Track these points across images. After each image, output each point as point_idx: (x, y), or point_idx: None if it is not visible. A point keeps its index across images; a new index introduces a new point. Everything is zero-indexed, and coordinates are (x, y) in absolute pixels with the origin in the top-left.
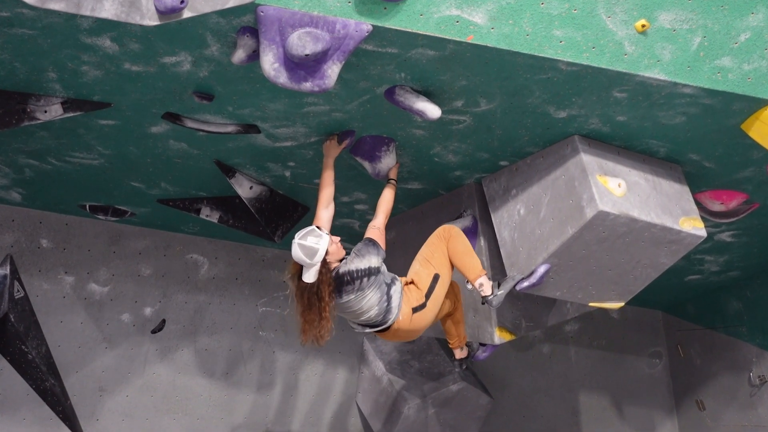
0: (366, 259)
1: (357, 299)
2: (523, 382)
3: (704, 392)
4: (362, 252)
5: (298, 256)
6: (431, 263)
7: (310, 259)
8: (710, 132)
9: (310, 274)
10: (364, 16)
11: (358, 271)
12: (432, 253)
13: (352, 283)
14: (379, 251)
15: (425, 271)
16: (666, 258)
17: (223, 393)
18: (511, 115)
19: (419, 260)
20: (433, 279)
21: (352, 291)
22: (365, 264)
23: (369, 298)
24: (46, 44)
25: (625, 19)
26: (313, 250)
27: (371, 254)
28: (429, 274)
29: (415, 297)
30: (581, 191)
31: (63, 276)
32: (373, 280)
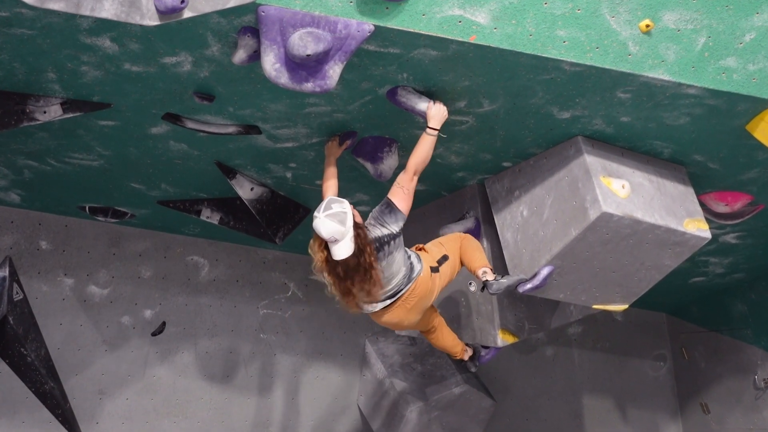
0: (386, 226)
1: (389, 264)
2: (526, 384)
3: (709, 395)
4: (379, 219)
5: (331, 228)
6: (443, 247)
7: (343, 226)
8: (715, 133)
9: (345, 246)
10: (366, 16)
11: (382, 237)
12: (444, 242)
13: (381, 250)
14: (398, 216)
15: (436, 249)
16: (670, 260)
17: (224, 396)
18: (514, 115)
19: (432, 242)
20: (442, 256)
21: (383, 257)
22: (387, 230)
23: (397, 260)
24: (45, 44)
25: (629, 19)
26: (342, 214)
27: (390, 222)
28: (439, 251)
29: (428, 259)
30: (585, 192)
31: (62, 278)
32: (397, 243)
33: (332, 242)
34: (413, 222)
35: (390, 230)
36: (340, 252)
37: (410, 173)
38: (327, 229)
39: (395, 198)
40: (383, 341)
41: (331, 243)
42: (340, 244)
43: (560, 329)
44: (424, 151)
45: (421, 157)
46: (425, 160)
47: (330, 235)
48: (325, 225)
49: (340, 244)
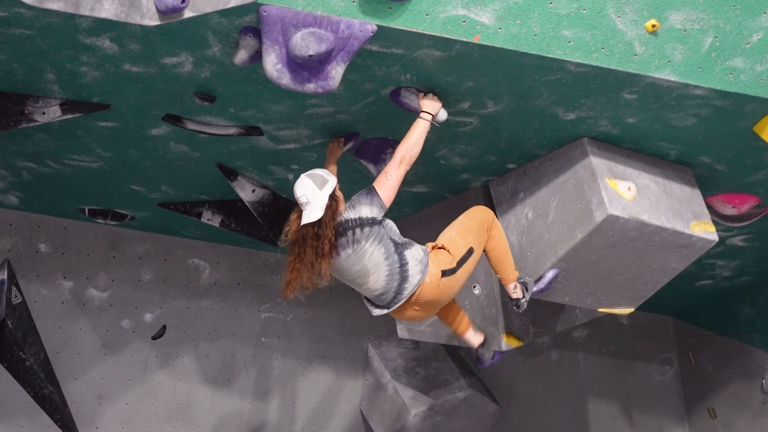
0: (356, 209)
1: (356, 253)
2: (531, 389)
3: (716, 400)
4: (354, 202)
5: (306, 187)
6: (470, 236)
7: (320, 188)
8: (722, 134)
9: (314, 210)
10: (369, 16)
11: (348, 221)
12: (472, 229)
13: (344, 235)
14: (374, 200)
15: (462, 240)
16: (677, 263)
17: (225, 400)
18: (518, 116)
19: (457, 229)
20: (468, 251)
21: (347, 244)
22: (355, 214)
23: (371, 254)
24: (44, 45)
25: (635, 19)
26: (323, 179)
27: (362, 204)
28: (465, 244)
29: (446, 260)
30: (590, 195)
31: (61, 281)
32: (368, 232)
33: (303, 204)
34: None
35: (360, 213)
36: (306, 215)
37: (396, 159)
38: (302, 186)
39: (377, 183)
40: (386, 345)
41: (302, 206)
42: (310, 207)
43: (565, 333)
44: (413, 138)
45: (410, 143)
46: (414, 147)
47: (302, 194)
48: (302, 182)
49: (310, 207)
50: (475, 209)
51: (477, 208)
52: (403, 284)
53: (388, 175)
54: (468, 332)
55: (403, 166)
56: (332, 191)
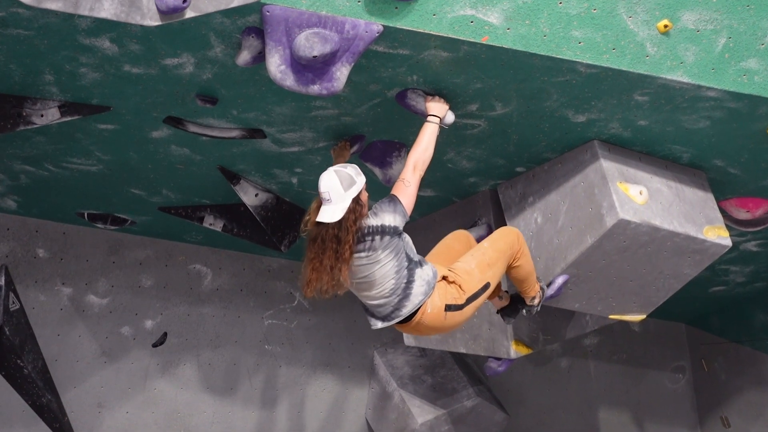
0: (379, 216)
1: (369, 261)
2: (540, 397)
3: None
4: (376, 209)
5: (331, 183)
6: (490, 271)
7: (345, 189)
8: (735, 137)
9: (336, 210)
10: (375, 16)
11: (369, 227)
12: (494, 262)
13: (363, 241)
14: (397, 209)
15: (480, 275)
16: (689, 268)
17: (228, 409)
18: (527, 119)
19: (478, 260)
20: (483, 287)
21: (363, 249)
22: (378, 221)
23: (383, 264)
24: (42, 45)
25: (646, 19)
26: (351, 178)
27: (385, 212)
28: (482, 280)
29: (453, 296)
30: (601, 199)
31: (60, 287)
32: (387, 241)
33: (325, 201)
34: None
35: (383, 221)
36: (326, 215)
37: (410, 166)
38: (327, 182)
39: (397, 192)
40: (392, 352)
41: (324, 202)
42: (330, 207)
43: (575, 340)
44: (424, 141)
45: (421, 147)
46: (425, 151)
47: (326, 190)
48: (329, 177)
49: (330, 207)
50: (505, 236)
51: (507, 234)
52: (403, 301)
53: (405, 182)
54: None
55: (418, 172)
56: (358, 194)
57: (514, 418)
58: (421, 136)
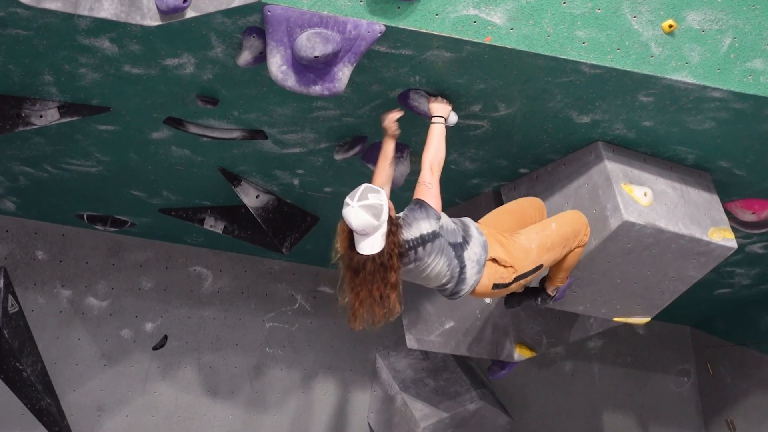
0: (414, 227)
1: (417, 268)
2: (543, 401)
3: (735, 412)
4: (408, 220)
5: (362, 220)
6: (547, 254)
7: (377, 220)
8: (741, 138)
9: (375, 241)
10: (377, 16)
11: (409, 242)
12: (557, 246)
13: (406, 255)
14: (429, 213)
15: (536, 257)
16: (694, 271)
17: (228, 413)
18: (531, 120)
19: (541, 240)
20: (535, 268)
21: (409, 262)
22: (415, 233)
23: (433, 267)
24: (41, 45)
25: (651, 19)
26: (378, 207)
27: (419, 220)
28: (536, 262)
29: (502, 276)
30: (605, 200)
31: (59, 290)
32: (430, 248)
33: (362, 235)
34: None
35: (420, 231)
36: (366, 247)
37: (426, 168)
38: (358, 220)
39: (422, 195)
40: (394, 355)
41: (360, 235)
42: (369, 239)
43: (580, 343)
44: (434, 143)
45: (432, 148)
46: (438, 152)
47: (361, 228)
48: (357, 216)
49: (369, 239)
50: (575, 221)
51: (576, 220)
52: (459, 285)
53: (426, 184)
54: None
55: (436, 173)
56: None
57: (517, 421)
58: (430, 139)
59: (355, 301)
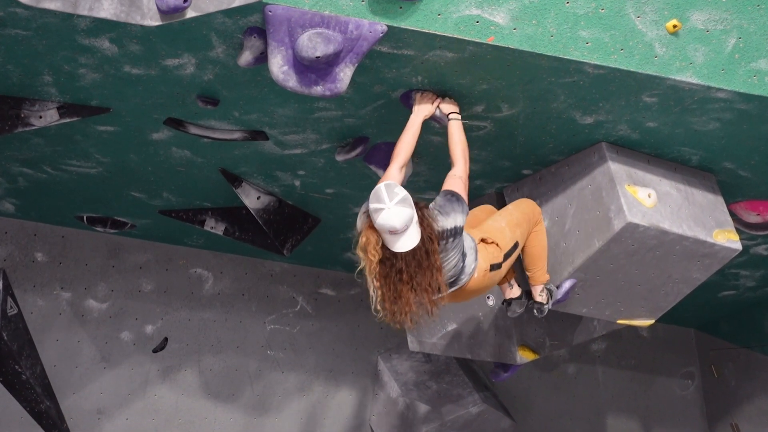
0: (451, 217)
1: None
2: (547, 404)
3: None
4: (446, 209)
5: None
6: (518, 230)
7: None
8: (746, 139)
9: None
10: (379, 16)
11: (446, 230)
12: (520, 222)
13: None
14: (464, 208)
15: (510, 234)
16: (699, 272)
17: (229, 416)
18: (534, 120)
19: (507, 220)
20: (514, 245)
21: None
22: (451, 223)
23: (450, 260)
24: (41, 46)
25: (655, 19)
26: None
27: (456, 212)
28: (512, 238)
29: (494, 255)
30: (609, 202)
31: (59, 292)
32: (456, 242)
33: (401, 233)
34: None
35: (455, 222)
36: (408, 241)
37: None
38: (401, 217)
39: (456, 188)
40: (397, 358)
41: (397, 234)
42: (407, 233)
43: (583, 345)
44: (462, 138)
45: (462, 143)
46: (467, 149)
47: (404, 224)
48: (399, 214)
49: (407, 233)
50: (525, 202)
51: (526, 201)
52: (460, 275)
53: (463, 179)
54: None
55: (467, 167)
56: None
57: (520, 424)
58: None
59: (407, 302)
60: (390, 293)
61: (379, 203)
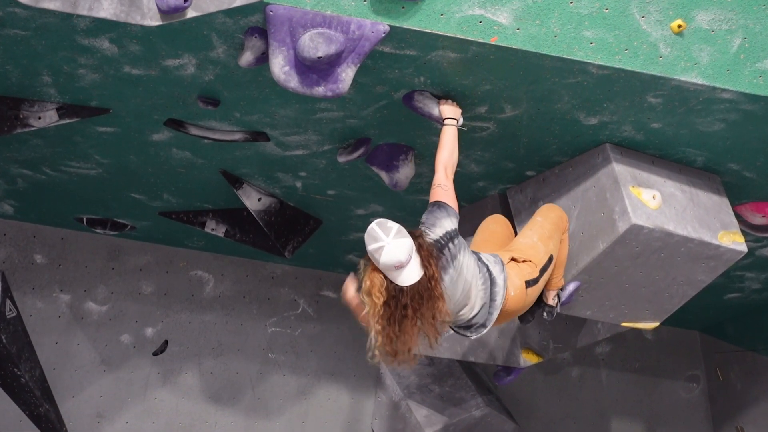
0: (438, 226)
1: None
2: (550, 407)
3: (745, 418)
4: (430, 221)
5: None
6: (551, 242)
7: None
8: (751, 140)
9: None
10: (381, 16)
11: (438, 241)
12: (552, 234)
13: (442, 255)
14: (449, 212)
15: (544, 248)
16: (704, 275)
17: (230, 419)
18: (538, 121)
19: (538, 234)
20: (549, 259)
21: (447, 265)
22: (440, 231)
23: (467, 265)
24: (40, 46)
25: (660, 19)
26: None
27: (442, 218)
28: (547, 252)
29: (528, 272)
30: (613, 203)
31: (58, 294)
32: (458, 244)
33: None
34: None
35: (445, 228)
36: (412, 274)
37: (441, 171)
38: (403, 251)
39: (439, 197)
40: None
41: (403, 268)
42: (411, 265)
43: (587, 348)
44: (449, 145)
45: (447, 150)
46: (453, 154)
47: (408, 255)
48: (400, 247)
49: (411, 265)
50: (553, 210)
51: (554, 208)
52: (493, 288)
53: (442, 186)
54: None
55: (450, 175)
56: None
57: (524, 428)
58: (443, 141)
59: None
60: (394, 333)
61: (377, 242)
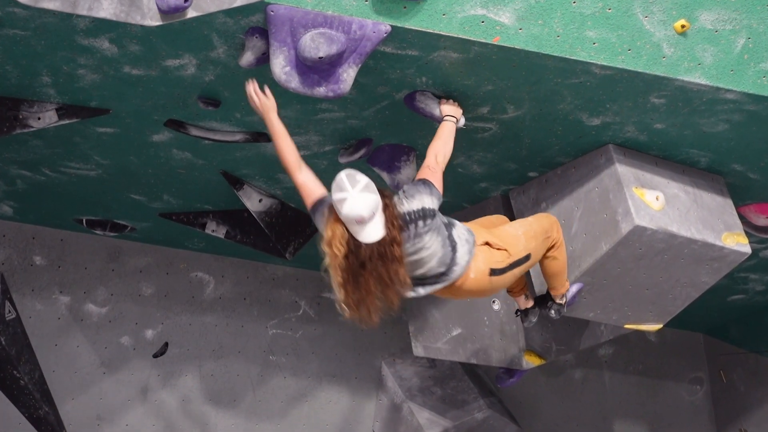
0: (416, 199)
1: (414, 248)
2: (553, 410)
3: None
4: (410, 192)
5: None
6: (533, 242)
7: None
8: (755, 140)
9: (377, 222)
10: (383, 16)
11: (409, 213)
12: (537, 235)
13: (406, 229)
14: (432, 191)
15: (525, 243)
16: (707, 276)
17: (231, 422)
18: (540, 122)
19: (525, 230)
20: (525, 256)
21: (407, 239)
22: (417, 205)
23: (429, 247)
24: (39, 46)
25: (663, 19)
26: (370, 182)
27: (422, 194)
28: (526, 248)
29: (498, 259)
30: (616, 204)
31: (58, 296)
32: (430, 224)
33: (368, 221)
34: None
35: (423, 204)
36: (373, 232)
37: (432, 156)
38: (367, 204)
39: (426, 175)
40: (400, 363)
41: (365, 224)
42: (372, 223)
43: (590, 350)
44: (443, 136)
45: (440, 141)
46: (446, 145)
47: (371, 211)
48: (364, 200)
49: (372, 223)
50: (547, 217)
51: (548, 216)
52: (452, 266)
53: (431, 168)
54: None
55: (441, 163)
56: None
57: (526, 430)
58: (440, 133)
59: (368, 295)
60: (353, 287)
61: (341, 192)
